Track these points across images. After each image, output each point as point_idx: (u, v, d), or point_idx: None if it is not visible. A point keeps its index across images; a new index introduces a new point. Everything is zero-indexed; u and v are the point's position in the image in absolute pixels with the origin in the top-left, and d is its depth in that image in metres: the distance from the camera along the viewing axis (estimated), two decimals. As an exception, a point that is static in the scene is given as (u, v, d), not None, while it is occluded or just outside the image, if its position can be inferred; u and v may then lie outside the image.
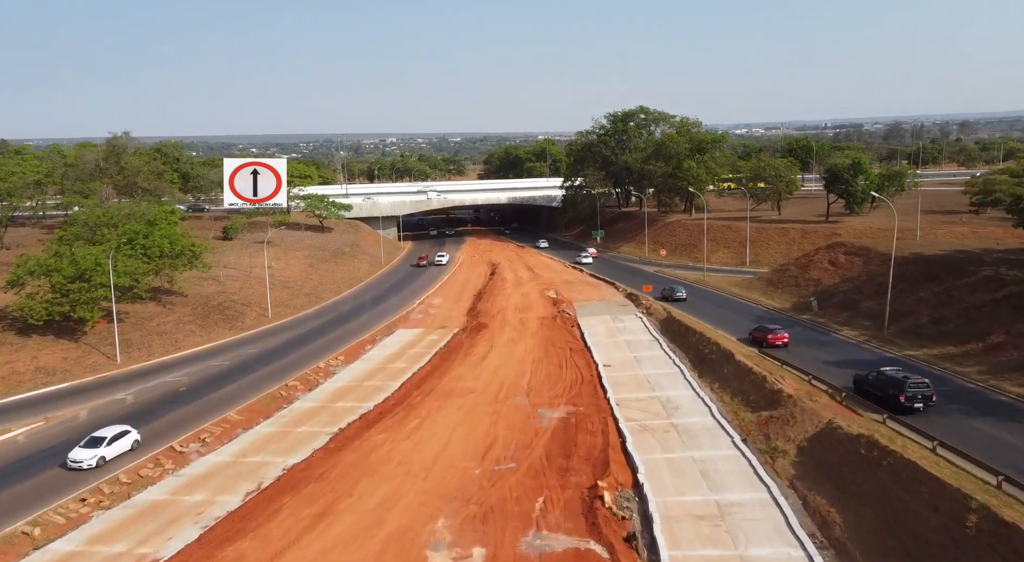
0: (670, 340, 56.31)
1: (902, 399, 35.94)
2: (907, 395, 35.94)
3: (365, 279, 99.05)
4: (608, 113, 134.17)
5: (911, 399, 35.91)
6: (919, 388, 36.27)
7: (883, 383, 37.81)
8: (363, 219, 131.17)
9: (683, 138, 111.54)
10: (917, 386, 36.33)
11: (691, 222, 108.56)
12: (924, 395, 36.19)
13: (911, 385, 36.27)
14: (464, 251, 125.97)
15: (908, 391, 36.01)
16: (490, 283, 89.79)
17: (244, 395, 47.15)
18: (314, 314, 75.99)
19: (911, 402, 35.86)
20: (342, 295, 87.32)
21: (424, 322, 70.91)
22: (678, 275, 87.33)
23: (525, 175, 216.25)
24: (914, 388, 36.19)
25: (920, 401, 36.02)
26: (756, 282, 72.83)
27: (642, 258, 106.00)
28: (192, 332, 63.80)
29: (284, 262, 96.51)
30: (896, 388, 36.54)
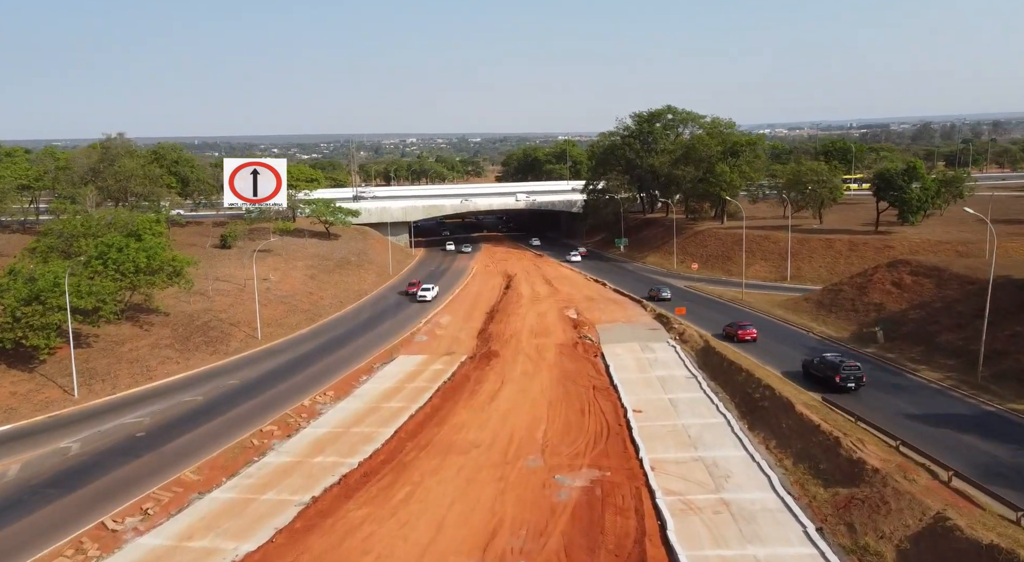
0: (710, 376, 48.31)
1: (838, 379, 42.68)
2: (841, 376, 42.67)
3: (370, 292, 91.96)
4: (633, 113, 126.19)
5: (845, 380, 42.62)
6: (852, 370, 42.98)
7: (824, 367, 44.30)
8: (373, 225, 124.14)
9: (714, 140, 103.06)
10: (850, 369, 43.05)
11: (723, 231, 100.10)
12: (856, 377, 42.76)
13: (845, 367, 43.03)
14: (478, 260, 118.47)
15: (842, 373, 42.74)
16: (504, 298, 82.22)
17: (209, 444, 40.03)
18: (309, 334, 68.92)
19: (845, 382, 42.59)
20: (343, 311, 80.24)
21: (429, 346, 63.53)
22: (712, 291, 79.06)
23: (544, 177, 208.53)
24: (847, 370, 42.89)
25: (852, 381, 42.66)
26: (804, 303, 64.39)
27: (670, 270, 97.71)
28: (168, 358, 56.94)
29: (283, 273, 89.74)
30: (834, 371, 43.14)
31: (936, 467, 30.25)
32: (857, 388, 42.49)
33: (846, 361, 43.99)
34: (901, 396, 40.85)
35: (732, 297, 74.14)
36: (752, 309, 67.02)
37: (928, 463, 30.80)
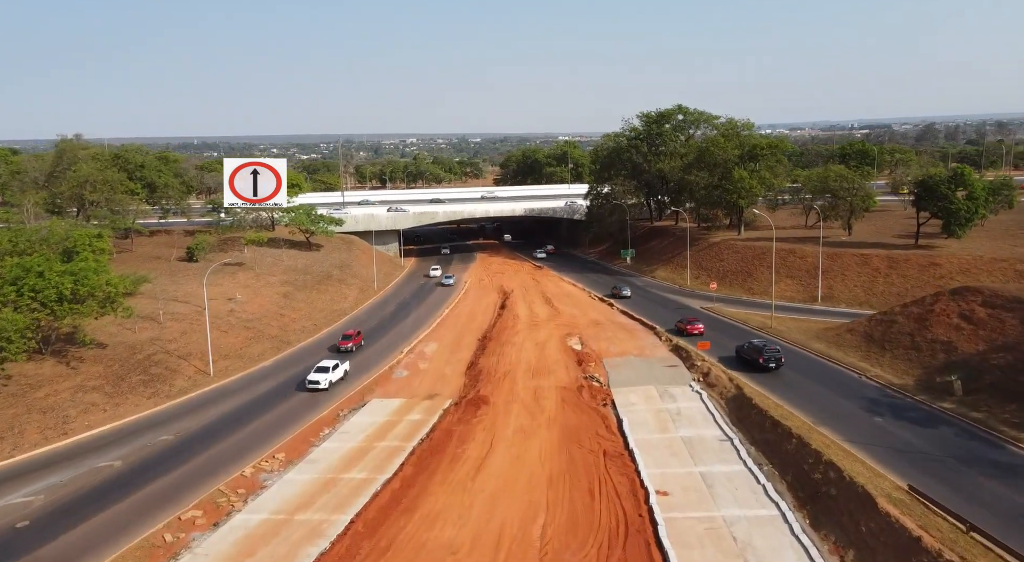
0: (749, 437, 38.96)
1: (761, 360, 49.68)
2: (764, 358, 49.66)
3: (351, 311, 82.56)
4: (640, 113, 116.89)
5: (767, 360, 49.49)
6: (773, 353, 50.15)
7: (751, 350, 51.44)
8: (360, 233, 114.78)
9: (731, 143, 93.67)
10: (772, 351, 50.29)
11: (741, 243, 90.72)
12: (776, 358, 49.88)
13: (767, 350, 50.26)
14: (472, 272, 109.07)
15: (765, 355, 49.83)
16: (499, 322, 72.87)
17: (103, 545, 30.70)
18: (273, 368, 59.57)
19: (767, 363, 49.39)
20: (317, 336, 70.85)
21: (409, 385, 54.23)
22: (734, 315, 69.67)
23: (544, 180, 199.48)
24: (769, 353, 50.02)
25: (773, 362, 49.57)
26: (848, 335, 54.96)
27: (683, 287, 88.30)
28: (93, 405, 47.59)
29: (253, 292, 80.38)
30: (758, 353, 50.29)
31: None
32: (777, 368, 49.54)
33: (768, 345, 51.79)
34: (1013, 483, 31.22)
35: (759, 324, 64.78)
36: (786, 340, 57.64)
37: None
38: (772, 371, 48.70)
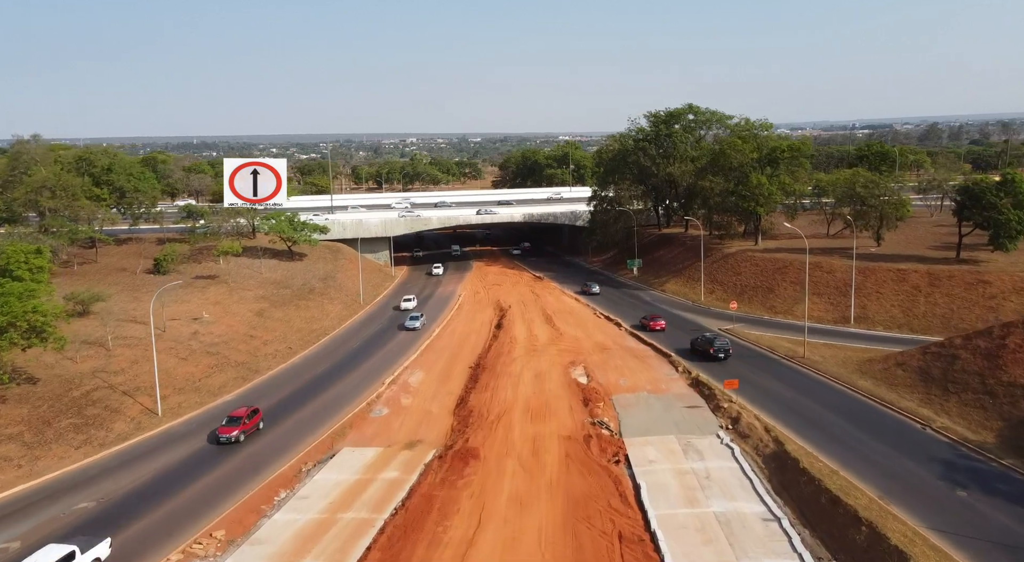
0: (800, 516, 31.31)
1: (711, 351, 56.30)
2: (714, 348, 56.33)
3: (331, 331, 74.89)
4: (648, 112, 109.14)
5: (717, 351, 56.08)
6: (723, 344, 56.91)
7: (703, 342, 57.95)
8: (347, 241, 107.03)
9: (748, 145, 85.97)
10: (722, 343, 57.00)
11: (760, 255, 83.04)
12: (725, 349, 56.44)
13: (717, 342, 57.11)
14: (467, 284, 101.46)
15: (715, 346, 56.56)
16: (495, 345, 65.31)
17: None
18: (234, 403, 51.89)
19: (717, 353, 55.97)
20: (290, 362, 63.24)
21: (388, 427, 46.69)
22: (758, 339, 62.04)
23: (544, 183, 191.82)
24: (719, 343, 56.87)
25: (723, 352, 56.07)
26: (897, 370, 47.27)
27: (696, 303, 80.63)
28: (5, 460, 39.98)
29: (224, 309, 72.79)
30: (709, 344, 57.09)
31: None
32: (726, 358, 54.78)
33: (720, 337, 58.16)
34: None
35: (788, 351, 57.21)
36: (825, 375, 50.09)
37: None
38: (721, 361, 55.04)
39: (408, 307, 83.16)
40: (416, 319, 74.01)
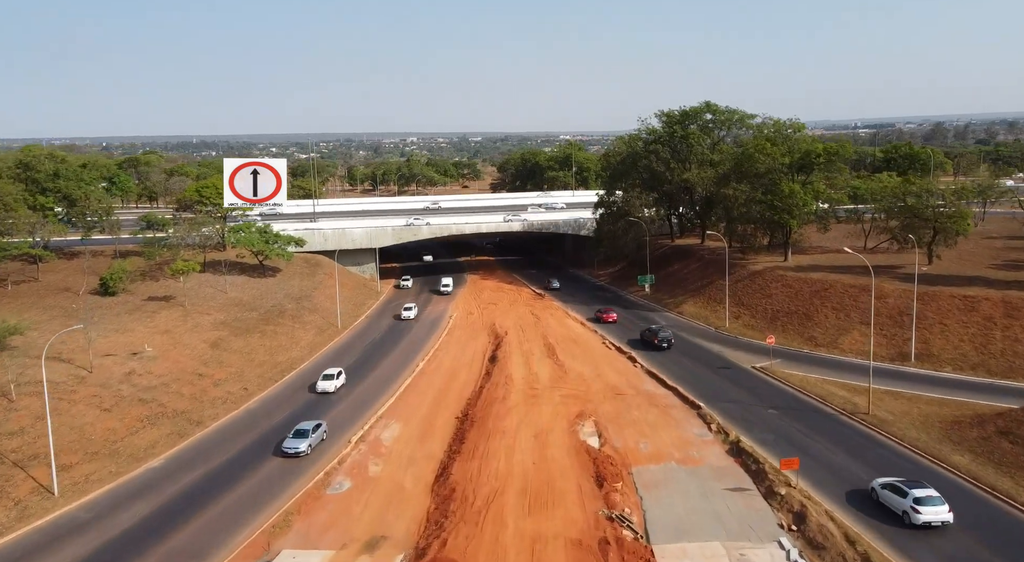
0: None
1: (655, 341, 63.66)
2: (658, 339, 63.68)
3: (299, 364, 64.64)
4: (659, 111, 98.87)
5: (661, 342, 63.52)
6: (666, 335, 64.03)
7: (649, 334, 65.20)
8: (327, 253, 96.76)
9: (779, 149, 75.46)
10: (665, 335, 64.12)
11: (793, 274, 72.60)
12: (669, 340, 63.90)
13: (660, 332, 64.27)
14: (460, 302, 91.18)
15: (659, 337, 63.79)
16: (487, 386, 55.10)
17: None
18: (158, 475, 41.58)
19: (661, 343, 63.48)
20: (241, 409, 52.93)
21: (347, 511, 36.45)
22: (805, 384, 51.69)
23: (546, 186, 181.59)
24: (663, 335, 63.98)
25: (666, 343, 63.56)
26: (1004, 443, 36.65)
27: (720, 330, 70.32)
28: None
29: (173, 339, 62.48)
30: (654, 335, 64.37)
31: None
32: (668, 348, 63.10)
33: (664, 330, 65.43)
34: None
35: (844, 403, 46.97)
36: (903, 442, 39.76)
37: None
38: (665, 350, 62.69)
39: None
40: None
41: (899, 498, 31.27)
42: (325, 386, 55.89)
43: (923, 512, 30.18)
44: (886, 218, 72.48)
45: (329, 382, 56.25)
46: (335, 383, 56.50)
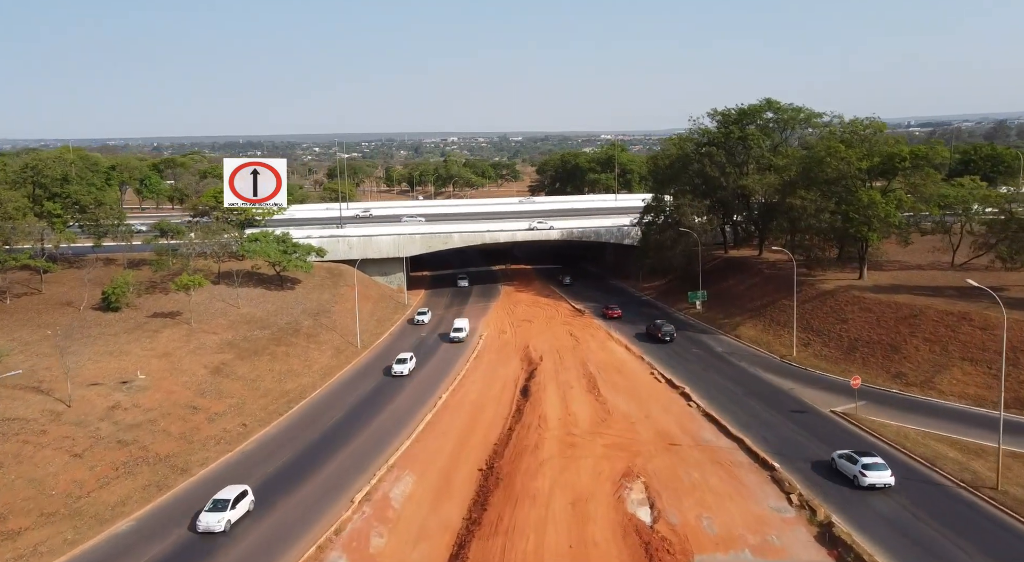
0: None
1: (659, 335, 68.24)
2: (662, 332, 68.40)
3: (310, 393, 58.01)
4: (712, 110, 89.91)
5: (664, 335, 68.18)
6: (669, 329, 68.79)
7: (653, 328, 69.91)
8: (352, 262, 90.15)
9: (856, 152, 65.80)
10: (668, 328, 68.88)
11: (872, 296, 63.04)
12: (671, 334, 68.59)
13: (663, 327, 69.02)
14: (492, 318, 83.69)
15: (662, 331, 68.51)
16: (517, 430, 47.47)
17: None
18: (124, 543, 34.97)
19: (664, 337, 68.12)
20: (236, 452, 46.29)
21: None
22: (906, 439, 42.64)
23: (587, 189, 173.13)
24: (666, 329, 68.73)
25: (668, 336, 68.28)
26: None
27: (786, 359, 61.29)
28: None
29: (172, 363, 56.46)
30: (657, 329, 69.00)
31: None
32: (671, 341, 67.96)
33: (666, 324, 69.98)
34: None
35: (961, 469, 37.95)
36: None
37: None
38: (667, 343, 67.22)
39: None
40: None
41: (850, 464, 37.78)
42: None
43: (869, 476, 36.44)
44: (987, 231, 62.28)
45: None
46: None
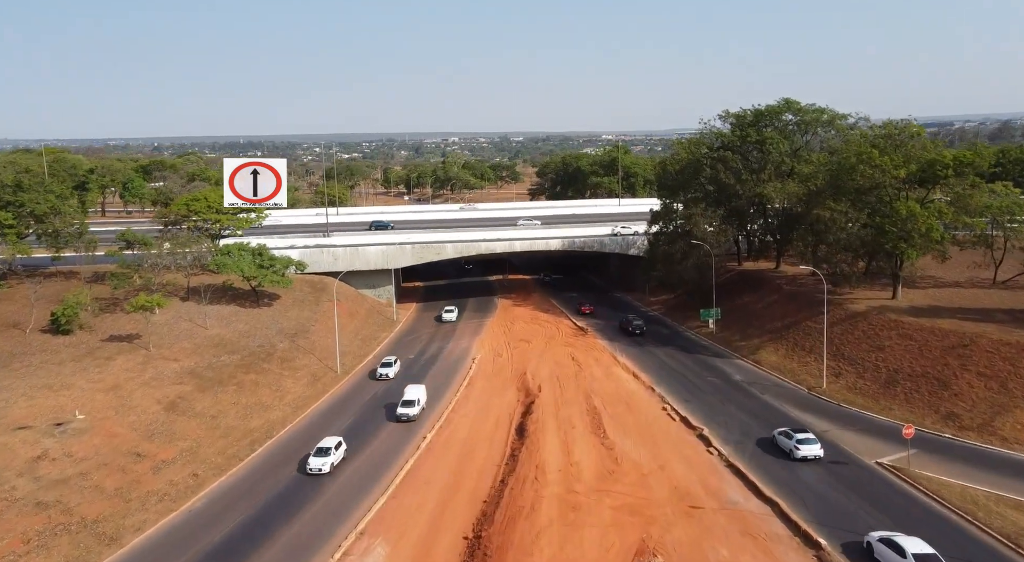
0: None
1: (629, 328, 73.88)
2: (631, 326, 73.92)
3: (278, 431, 51.20)
4: (724, 111, 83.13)
5: (634, 328, 73.54)
6: (638, 323, 74.17)
7: (624, 323, 75.54)
8: (337, 274, 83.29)
9: (892, 160, 58.74)
10: (637, 323, 74.29)
11: (912, 320, 56.17)
12: (640, 327, 73.87)
13: (634, 321, 74.68)
14: (487, 336, 76.90)
15: (632, 325, 74.12)
16: (511, 483, 40.75)
17: None
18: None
19: (633, 331, 73.36)
20: (180, 511, 39.44)
21: None
22: (969, 503, 35.89)
23: (588, 193, 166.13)
24: (635, 323, 74.26)
25: (638, 330, 73.47)
26: None
27: (814, 392, 54.50)
28: None
29: (118, 400, 49.64)
30: (628, 323, 74.78)
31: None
32: (641, 334, 73.00)
33: (636, 319, 75.34)
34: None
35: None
36: None
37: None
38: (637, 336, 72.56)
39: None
40: None
41: (787, 440, 43.01)
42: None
43: (802, 449, 41.78)
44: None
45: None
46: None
